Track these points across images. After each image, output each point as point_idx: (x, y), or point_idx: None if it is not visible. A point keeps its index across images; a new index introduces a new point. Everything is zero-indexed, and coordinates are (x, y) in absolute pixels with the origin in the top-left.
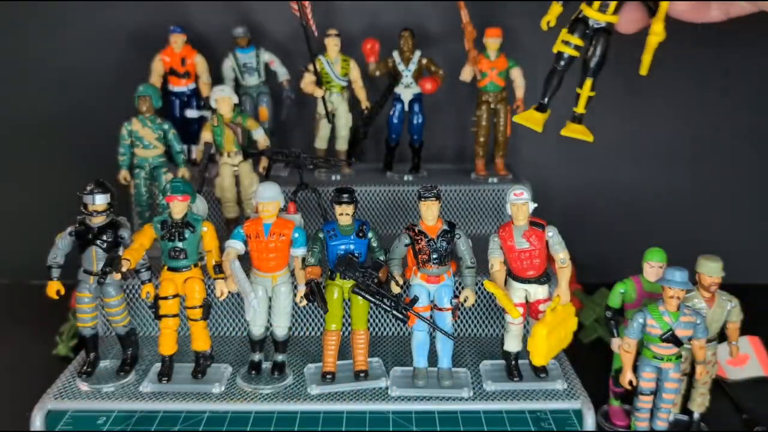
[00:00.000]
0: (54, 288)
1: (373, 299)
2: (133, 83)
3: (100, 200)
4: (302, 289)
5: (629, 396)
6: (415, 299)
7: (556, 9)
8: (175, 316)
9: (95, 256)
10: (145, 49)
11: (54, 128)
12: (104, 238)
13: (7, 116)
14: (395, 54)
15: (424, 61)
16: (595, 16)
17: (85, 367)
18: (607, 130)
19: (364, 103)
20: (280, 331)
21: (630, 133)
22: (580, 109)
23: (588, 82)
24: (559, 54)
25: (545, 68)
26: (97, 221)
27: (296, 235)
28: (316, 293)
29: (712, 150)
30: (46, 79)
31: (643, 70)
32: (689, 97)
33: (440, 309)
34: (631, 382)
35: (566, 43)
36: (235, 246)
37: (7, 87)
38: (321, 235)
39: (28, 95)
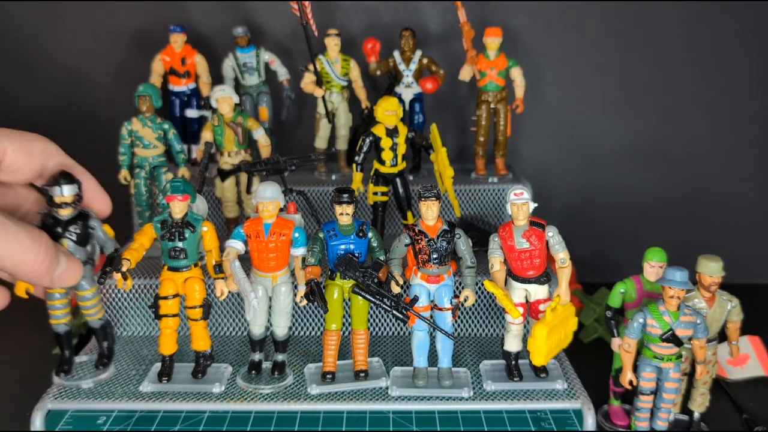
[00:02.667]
0: (23, 287)
1: (373, 299)
2: (133, 83)
3: (68, 191)
4: (302, 289)
5: (629, 396)
6: (415, 299)
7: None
8: (175, 316)
9: (66, 249)
10: (145, 49)
11: (54, 128)
12: (74, 230)
13: (7, 116)
14: (396, 54)
15: (425, 60)
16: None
17: (62, 365)
18: (607, 130)
19: (365, 103)
20: (280, 331)
21: (630, 132)
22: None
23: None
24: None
25: (545, 68)
26: (65, 213)
27: (296, 234)
28: (316, 293)
29: (712, 149)
30: (46, 79)
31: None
32: (689, 96)
33: (440, 309)
34: (631, 382)
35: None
36: (235, 246)
37: (7, 87)
38: (321, 234)
39: (28, 95)
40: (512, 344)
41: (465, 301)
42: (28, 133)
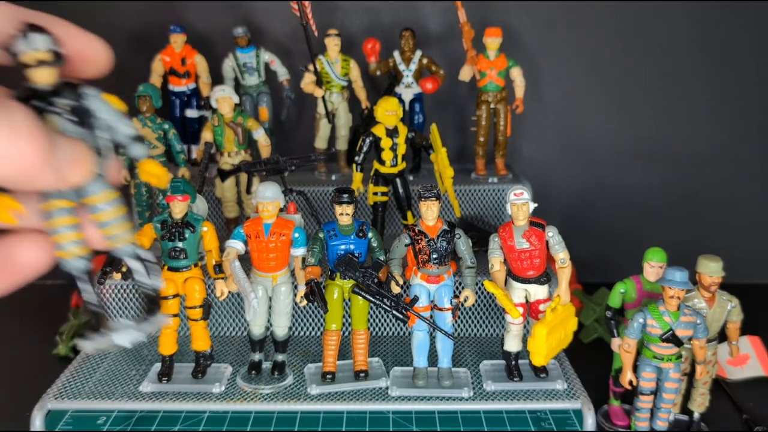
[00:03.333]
0: (5, 206)
1: (373, 299)
2: (133, 83)
3: (42, 43)
4: (302, 289)
5: (629, 396)
6: (415, 299)
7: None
8: (175, 316)
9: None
10: (145, 49)
11: None
12: (64, 104)
13: None
14: (396, 54)
15: (425, 60)
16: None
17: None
18: (607, 130)
19: (365, 103)
20: (280, 331)
21: (630, 133)
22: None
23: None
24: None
25: (545, 68)
26: (46, 79)
27: (296, 235)
28: (316, 293)
29: (712, 149)
30: None
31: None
32: (689, 96)
33: (440, 309)
34: (630, 382)
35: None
36: (235, 246)
37: (6, 86)
38: (321, 235)
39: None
40: (512, 344)
41: (465, 301)
42: None
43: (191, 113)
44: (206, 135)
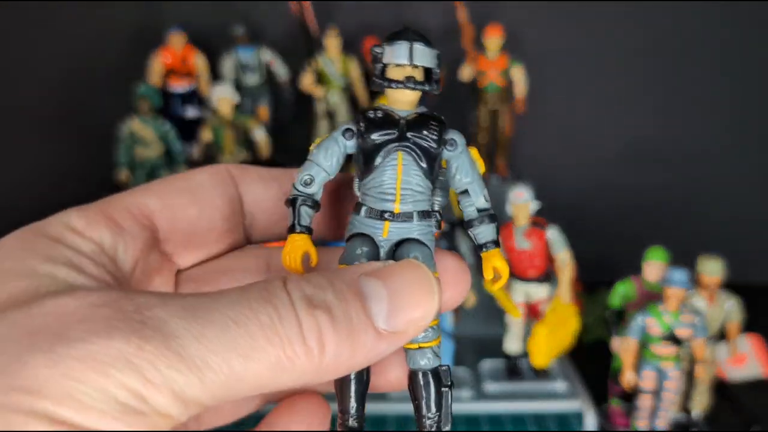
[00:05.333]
0: None
1: None
2: (132, 83)
3: (423, 57)
4: None
5: (629, 396)
6: None
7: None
8: None
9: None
10: (145, 49)
11: (53, 128)
12: (420, 139)
13: (6, 116)
14: None
15: None
16: None
17: None
18: (608, 130)
19: (365, 103)
20: None
21: (631, 132)
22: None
23: None
24: None
25: (546, 67)
26: (409, 102)
27: None
28: None
29: (713, 149)
30: (44, 79)
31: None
32: (689, 96)
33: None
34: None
35: None
36: None
37: (6, 87)
38: None
39: (27, 95)
40: (512, 344)
41: (465, 301)
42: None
43: (191, 113)
44: (206, 135)
